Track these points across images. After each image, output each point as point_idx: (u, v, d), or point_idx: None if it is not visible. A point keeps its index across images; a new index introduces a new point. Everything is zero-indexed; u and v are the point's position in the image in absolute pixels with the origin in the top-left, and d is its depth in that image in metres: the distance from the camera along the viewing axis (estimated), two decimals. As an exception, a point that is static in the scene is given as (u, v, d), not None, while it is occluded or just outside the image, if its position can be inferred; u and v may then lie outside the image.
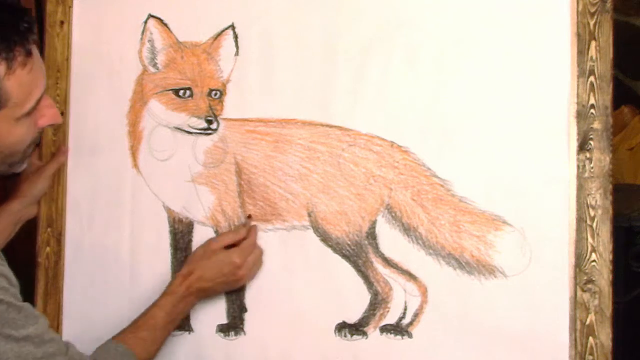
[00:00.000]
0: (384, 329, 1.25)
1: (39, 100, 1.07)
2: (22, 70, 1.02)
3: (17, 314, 0.99)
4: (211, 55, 1.34)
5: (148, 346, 1.19)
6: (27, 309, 1.02)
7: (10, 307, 0.98)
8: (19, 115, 1.05)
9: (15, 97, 1.02)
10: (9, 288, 1.00)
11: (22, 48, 1.01)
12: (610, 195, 1.16)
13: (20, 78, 1.02)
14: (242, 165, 1.32)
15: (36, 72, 1.05)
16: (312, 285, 1.28)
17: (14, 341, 0.98)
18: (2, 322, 0.97)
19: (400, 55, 1.25)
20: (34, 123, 1.09)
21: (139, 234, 1.36)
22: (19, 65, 1.01)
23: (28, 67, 1.02)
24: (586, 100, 1.18)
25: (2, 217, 1.29)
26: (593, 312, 1.16)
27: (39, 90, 1.06)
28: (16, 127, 1.05)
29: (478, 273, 1.21)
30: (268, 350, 1.30)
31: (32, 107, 1.06)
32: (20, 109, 1.04)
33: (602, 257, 1.16)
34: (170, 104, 1.34)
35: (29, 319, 1.01)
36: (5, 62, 1.00)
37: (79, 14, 1.40)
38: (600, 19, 1.17)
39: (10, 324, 0.98)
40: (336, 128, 1.28)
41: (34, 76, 1.04)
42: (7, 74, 1.00)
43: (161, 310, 1.22)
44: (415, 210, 1.24)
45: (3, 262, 1.02)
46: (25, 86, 1.03)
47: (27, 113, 1.05)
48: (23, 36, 1.02)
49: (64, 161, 1.37)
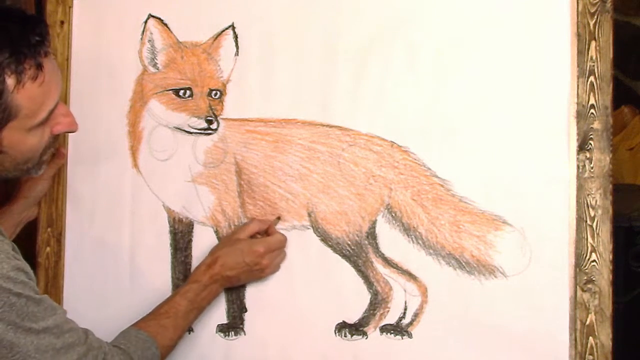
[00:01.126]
0: (384, 329, 1.25)
1: (52, 110, 1.06)
2: (32, 84, 1.00)
3: (37, 306, 1.00)
4: (211, 55, 1.34)
5: (170, 333, 1.19)
6: (46, 301, 1.03)
7: (29, 301, 1.00)
8: (30, 126, 1.04)
9: (26, 109, 1.02)
10: (27, 282, 1.01)
11: (33, 61, 1.00)
12: (610, 195, 1.16)
13: (30, 91, 1.01)
14: (242, 165, 1.32)
15: (49, 84, 1.03)
16: (312, 285, 1.28)
17: (34, 334, 0.99)
18: (23, 316, 0.99)
19: (400, 55, 1.25)
20: (48, 131, 1.09)
21: (139, 234, 1.36)
22: (29, 79, 1.00)
23: (39, 80, 1.01)
24: (586, 100, 1.18)
25: (4, 219, 1.29)
26: (593, 312, 1.16)
27: (52, 102, 1.05)
28: (28, 137, 1.05)
29: (478, 273, 1.21)
30: (268, 350, 1.30)
31: (44, 118, 1.05)
32: (31, 120, 1.03)
33: (602, 257, 1.16)
34: (170, 104, 1.34)
35: (48, 311, 1.02)
36: (15, 75, 0.99)
37: (79, 14, 1.40)
38: (600, 19, 1.17)
39: (30, 317, 0.99)
40: (336, 128, 1.28)
41: (46, 89, 1.03)
42: (16, 87, 0.99)
43: (184, 299, 1.22)
44: (415, 210, 1.24)
45: (19, 256, 1.04)
46: (37, 99, 1.02)
47: (39, 123, 1.05)
48: (34, 49, 1.00)
49: (63, 164, 1.37)
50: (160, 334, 1.18)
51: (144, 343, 1.15)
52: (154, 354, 1.16)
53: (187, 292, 1.23)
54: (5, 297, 0.97)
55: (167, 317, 1.20)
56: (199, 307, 1.25)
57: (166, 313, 1.21)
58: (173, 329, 1.20)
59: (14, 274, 0.99)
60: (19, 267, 1.01)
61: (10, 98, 0.99)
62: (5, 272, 0.98)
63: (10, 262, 0.99)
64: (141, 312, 1.24)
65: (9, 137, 1.03)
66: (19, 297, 0.98)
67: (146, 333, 1.16)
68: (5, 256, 1.00)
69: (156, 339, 1.17)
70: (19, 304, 0.98)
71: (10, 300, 0.97)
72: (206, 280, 1.24)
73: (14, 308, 0.97)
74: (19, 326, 0.98)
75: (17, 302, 0.98)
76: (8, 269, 0.98)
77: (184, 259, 1.34)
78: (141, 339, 1.15)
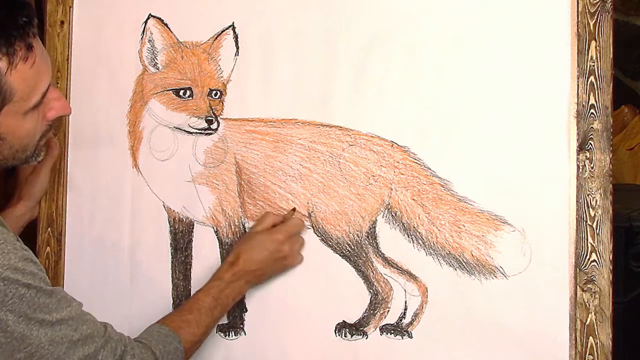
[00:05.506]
0: (384, 329, 1.25)
1: (44, 93, 1.06)
2: (24, 65, 1.01)
3: (48, 298, 0.99)
4: (211, 55, 1.34)
5: (193, 329, 1.18)
6: (59, 292, 1.02)
7: (39, 292, 0.98)
8: (26, 109, 1.04)
9: (20, 91, 1.02)
10: (37, 273, 1.00)
11: (23, 42, 1.01)
12: (610, 195, 1.16)
13: (23, 72, 1.01)
14: (243, 165, 1.32)
15: (40, 65, 1.04)
16: (312, 285, 1.28)
17: (47, 326, 0.98)
18: (34, 307, 0.97)
19: (400, 54, 1.25)
20: (42, 116, 1.09)
21: (139, 234, 1.36)
22: (21, 60, 1.01)
23: (30, 61, 1.02)
24: (586, 100, 1.18)
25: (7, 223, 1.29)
26: (593, 312, 1.16)
27: (44, 83, 1.06)
28: (24, 121, 1.05)
29: (478, 273, 1.21)
30: (268, 350, 1.30)
31: (38, 100, 1.05)
32: (26, 103, 1.04)
33: (602, 257, 1.16)
34: (170, 104, 1.34)
35: (62, 302, 1.01)
36: (7, 57, 0.99)
37: (79, 14, 1.40)
38: (600, 19, 1.17)
39: (42, 309, 0.98)
40: (336, 128, 1.28)
41: (37, 70, 1.03)
42: (9, 69, 1.00)
43: (207, 296, 1.21)
44: (416, 210, 1.24)
45: (27, 248, 1.02)
46: (29, 80, 1.03)
47: (33, 107, 1.05)
48: (23, 30, 1.01)
49: (57, 155, 1.36)
50: (183, 328, 1.16)
51: (165, 337, 1.14)
52: (176, 349, 1.14)
53: (210, 289, 1.22)
54: (14, 288, 0.95)
55: (190, 312, 1.19)
56: (223, 304, 1.23)
57: (189, 309, 1.20)
58: (196, 324, 1.18)
59: (22, 264, 0.97)
60: (27, 258, 1.00)
61: (4, 81, 1.00)
62: (13, 263, 0.96)
63: (17, 253, 0.98)
64: (141, 312, 1.24)
65: (6, 122, 1.03)
66: (29, 288, 0.97)
67: (168, 328, 1.15)
68: (12, 247, 0.98)
69: (179, 334, 1.15)
70: (29, 295, 0.97)
71: (20, 291, 0.96)
72: (229, 277, 1.23)
73: (24, 299, 0.96)
74: (30, 318, 0.96)
75: (26, 294, 0.96)
76: (15, 259, 0.97)
77: (184, 259, 1.34)
78: (162, 334, 1.14)
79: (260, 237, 1.26)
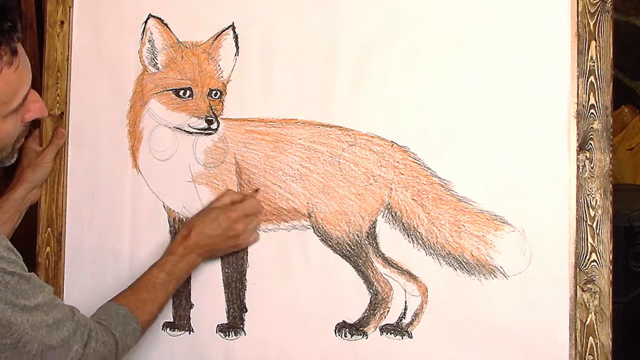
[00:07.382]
0: (384, 329, 1.25)
1: (25, 96, 1.08)
2: (8, 69, 1.03)
3: (27, 284, 1.01)
4: (211, 55, 1.34)
5: (149, 307, 1.20)
6: (34, 278, 1.04)
7: (21, 279, 1.01)
8: (6, 113, 1.06)
9: (3, 95, 1.04)
10: (17, 260, 1.02)
11: (8, 47, 1.02)
12: (610, 195, 1.16)
13: (6, 77, 1.03)
14: (242, 165, 1.32)
15: (22, 70, 1.06)
16: (312, 285, 1.28)
17: (27, 311, 1.00)
18: (17, 294, 0.99)
19: (400, 55, 1.25)
20: (20, 118, 1.11)
21: (139, 234, 1.36)
22: (5, 65, 1.02)
23: (14, 65, 1.03)
24: (586, 100, 1.18)
25: (7, 206, 1.31)
26: (593, 312, 1.16)
27: (25, 87, 1.08)
28: (4, 124, 1.07)
29: (478, 273, 1.21)
30: (268, 350, 1.30)
31: (19, 103, 1.07)
32: (7, 106, 1.05)
33: (602, 257, 1.16)
34: (170, 104, 1.34)
35: (37, 288, 1.03)
36: None
37: (79, 14, 1.40)
38: (600, 19, 1.17)
39: (23, 295, 1.00)
40: (336, 128, 1.28)
41: (20, 74, 1.05)
42: None
43: (161, 271, 1.23)
44: (416, 210, 1.24)
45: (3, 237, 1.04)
46: (12, 84, 1.04)
47: (14, 110, 1.07)
48: (8, 35, 1.02)
49: (62, 143, 1.37)
50: (140, 308, 1.19)
51: (124, 318, 1.16)
52: (134, 329, 1.17)
53: (164, 264, 1.24)
54: (0, 276, 0.98)
55: (146, 290, 1.21)
56: (177, 278, 1.25)
57: (144, 287, 1.21)
58: (152, 302, 1.21)
59: (6, 253, 1.00)
60: (9, 247, 1.02)
61: None
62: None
63: (1, 242, 1.01)
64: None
65: None
66: (13, 275, 0.99)
67: (126, 308, 1.17)
68: None
69: (136, 314, 1.17)
70: (13, 282, 0.99)
71: (5, 279, 0.98)
72: (182, 251, 1.24)
73: (9, 287, 0.98)
74: (15, 304, 0.99)
75: (11, 281, 0.99)
76: (0, 249, 1.00)
77: (184, 259, 1.34)
78: (121, 315, 1.16)
79: (214, 212, 1.26)
